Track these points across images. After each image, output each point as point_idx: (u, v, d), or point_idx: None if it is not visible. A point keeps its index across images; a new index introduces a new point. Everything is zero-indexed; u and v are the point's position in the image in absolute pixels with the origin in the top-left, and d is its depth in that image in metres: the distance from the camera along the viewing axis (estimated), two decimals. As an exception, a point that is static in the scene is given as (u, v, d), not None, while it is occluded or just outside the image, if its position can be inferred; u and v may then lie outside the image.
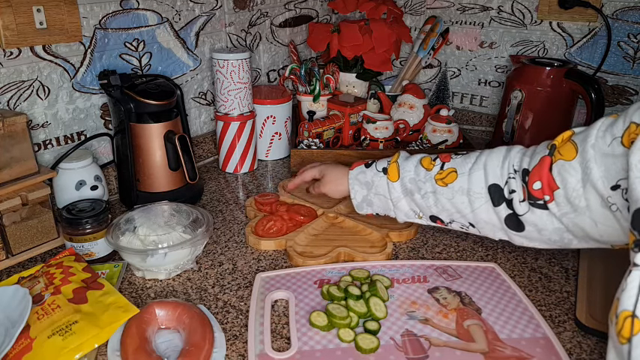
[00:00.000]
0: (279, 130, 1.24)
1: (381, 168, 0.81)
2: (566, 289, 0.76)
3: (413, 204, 0.78)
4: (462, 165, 0.73)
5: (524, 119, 1.17)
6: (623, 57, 1.21)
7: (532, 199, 0.64)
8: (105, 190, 0.95)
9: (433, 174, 0.75)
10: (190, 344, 0.61)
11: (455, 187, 0.72)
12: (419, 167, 0.77)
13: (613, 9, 1.19)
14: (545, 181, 0.62)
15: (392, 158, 0.81)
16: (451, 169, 0.74)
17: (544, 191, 0.62)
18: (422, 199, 0.76)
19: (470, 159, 0.73)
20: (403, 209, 0.80)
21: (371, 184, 0.81)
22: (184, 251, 0.77)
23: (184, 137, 0.95)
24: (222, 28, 1.21)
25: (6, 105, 0.86)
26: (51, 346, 0.59)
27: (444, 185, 0.74)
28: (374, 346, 0.62)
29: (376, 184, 0.81)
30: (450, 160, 0.75)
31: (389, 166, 0.80)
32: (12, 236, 0.78)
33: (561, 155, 0.60)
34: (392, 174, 0.79)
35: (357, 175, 0.83)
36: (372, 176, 0.81)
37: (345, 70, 1.37)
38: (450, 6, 1.42)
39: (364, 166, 0.83)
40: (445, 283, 0.76)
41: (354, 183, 0.83)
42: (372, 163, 0.83)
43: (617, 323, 0.43)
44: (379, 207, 0.83)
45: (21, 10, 0.82)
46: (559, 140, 0.62)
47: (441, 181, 0.74)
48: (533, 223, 0.66)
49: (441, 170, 0.75)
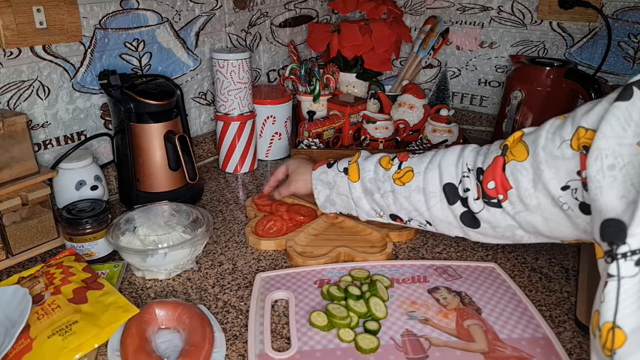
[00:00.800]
0: (279, 130, 1.24)
1: (342, 168, 0.82)
2: (566, 289, 0.76)
3: (373, 203, 0.80)
4: (418, 164, 0.75)
5: (524, 119, 1.17)
6: (623, 57, 1.21)
7: (486, 197, 0.65)
8: (105, 190, 0.95)
9: (391, 173, 0.77)
10: (190, 344, 0.61)
11: (412, 186, 0.74)
12: (378, 167, 0.79)
13: (613, 9, 1.19)
14: (499, 180, 0.63)
15: (352, 158, 0.82)
16: (408, 169, 0.75)
17: (498, 190, 0.64)
18: (381, 198, 0.78)
19: (426, 158, 0.75)
20: (364, 208, 0.81)
21: (333, 184, 0.83)
22: (184, 251, 0.77)
23: (184, 137, 0.95)
24: (222, 28, 1.21)
25: (6, 105, 0.86)
26: (51, 346, 0.59)
27: (401, 184, 0.75)
28: (374, 346, 0.62)
29: (338, 183, 0.82)
30: (407, 160, 0.77)
31: (349, 166, 0.81)
32: (12, 236, 0.78)
33: (513, 156, 0.62)
34: (352, 174, 0.80)
35: (320, 175, 0.85)
36: (333, 176, 0.83)
37: (345, 70, 1.37)
38: (450, 6, 1.42)
39: (326, 166, 0.85)
40: (445, 283, 0.76)
41: (317, 183, 0.85)
42: (333, 163, 0.84)
43: (602, 336, 0.43)
44: (341, 206, 0.85)
45: (21, 10, 0.82)
46: (510, 140, 0.63)
47: (398, 180, 0.75)
48: (487, 220, 0.68)
49: (398, 170, 0.76)
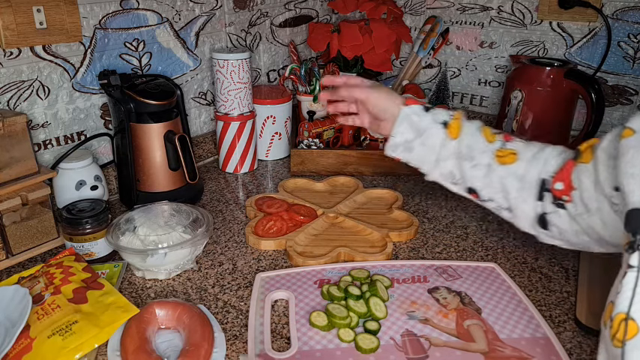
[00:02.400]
0: (279, 130, 1.24)
1: (442, 120, 0.74)
2: (566, 289, 0.76)
3: (457, 169, 0.73)
4: (524, 150, 0.70)
5: (524, 119, 1.17)
6: (623, 57, 1.21)
7: (555, 199, 0.65)
8: (105, 190, 0.95)
9: (494, 148, 0.71)
10: (190, 344, 0.61)
11: (511, 169, 0.69)
12: (478, 135, 0.72)
13: (613, 9, 1.19)
14: (567, 182, 0.63)
15: (454, 114, 0.74)
16: (512, 151, 0.70)
17: (564, 191, 0.64)
18: (471, 168, 0.71)
19: (532, 147, 0.70)
20: (444, 170, 0.74)
21: (422, 131, 0.74)
22: (184, 251, 0.77)
23: (184, 137, 0.95)
24: (222, 28, 1.21)
25: (6, 105, 0.86)
26: (51, 346, 0.59)
27: (501, 163, 0.70)
28: (374, 346, 0.62)
29: (429, 133, 0.73)
30: (511, 141, 0.71)
31: (451, 121, 0.73)
32: (12, 236, 0.78)
33: (582, 159, 0.62)
34: (453, 130, 0.72)
35: (411, 114, 0.75)
36: (428, 123, 0.74)
37: (345, 70, 1.37)
38: (450, 6, 1.42)
39: (421, 108, 0.75)
40: (445, 283, 0.76)
41: (404, 121, 0.75)
42: (429, 109, 0.75)
43: (612, 327, 0.43)
44: (418, 156, 0.76)
45: (21, 10, 0.82)
46: (584, 146, 0.63)
47: (499, 158, 0.70)
48: (555, 224, 0.66)
49: (502, 148, 0.70)
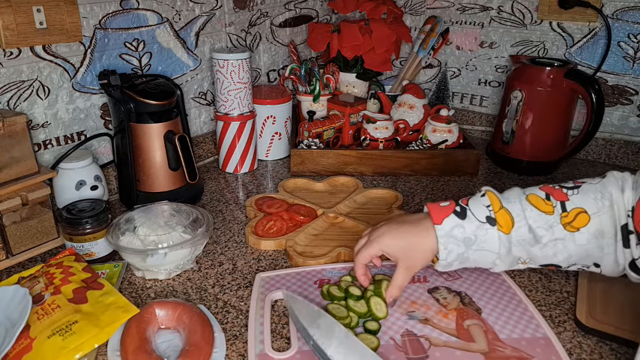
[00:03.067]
0: (279, 130, 1.24)
1: (484, 217, 0.63)
2: (566, 289, 0.76)
3: (524, 253, 0.63)
4: (589, 203, 0.61)
5: (524, 119, 1.17)
6: (623, 57, 1.21)
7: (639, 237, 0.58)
8: (105, 190, 0.95)
9: (557, 218, 0.61)
10: (190, 344, 0.61)
11: (590, 231, 0.60)
12: (531, 209, 0.62)
13: (613, 9, 1.19)
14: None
15: (490, 202, 0.64)
16: (579, 210, 0.61)
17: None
18: (543, 248, 0.62)
19: (593, 194, 0.62)
20: (508, 261, 0.65)
21: (472, 240, 0.63)
22: (184, 251, 0.77)
23: (184, 137, 0.95)
24: (222, 28, 1.21)
25: (6, 105, 0.86)
26: (51, 346, 0.59)
27: (574, 230, 0.61)
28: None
29: (481, 238, 0.63)
30: (568, 199, 0.62)
31: (496, 214, 0.63)
32: (12, 236, 0.78)
33: None
34: (504, 224, 0.62)
35: (451, 230, 0.63)
36: (474, 229, 0.63)
37: (345, 70, 1.37)
38: (450, 6, 1.42)
39: (456, 217, 0.64)
40: (445, 282, 0.76)
41: (448, 241, 0.63)
42: (464, 211, 0.64)
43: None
44: (474, 262, 0.66)
45: (21, 10, 0.82)
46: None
47: (569, 226, 0.61)
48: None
49: (564, 212, 0.61)
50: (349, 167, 1.16)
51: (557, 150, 1.17)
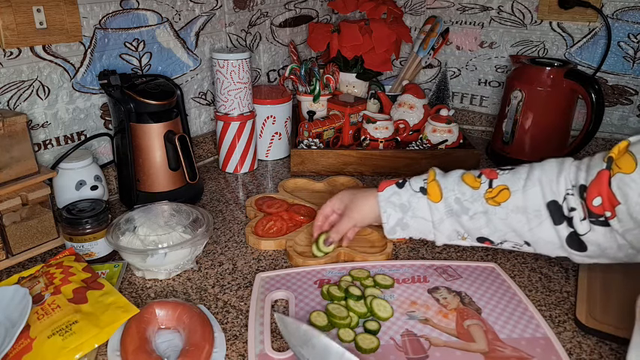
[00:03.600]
0: (279, 130, 1.24)
1: (418, 187, 0.73)
2: (566, 289, 0.76)
3: (458, 225, 0.71)
4: (514, 181, 0.67)
5: (524, 119, 1.17)
6: (623, 57, 1.21)
7: (593, 216, 0.60)
8: (105, 190, 0.95)
9: (482, 192, 0.68)
10: (190, 344, 0.61)
11: (509, 206, 0.66)
12: (462, 185, 0.70)
13: (613, 9, 1.19)
14: (605, 196, 0.58)
15: (428, 176, 0.74)
16: (502, 187, 0.67)
17: (604, 207, 0.58)
18: (470, 220, 0.69)
19: (520, 174, 0.67)
20: (445, 232, 0.72)
21: (407, 207, 0.73)
22: (184, 251, 0.77)
23: (184, 137, 0.95)
24: (222, 28, 1.21)
25: (6, 105, 0.86)
26: (51, 346, 0.59)
27: (495, 204, 0.67)
28: (374, 346, 0.62)
29: (414, 205, 0.73)
30: (497, 177, 0.69)
31: (428, 185, 0.72)
32: (12, 236, 0.78)
33: (620, 168, 0.57)
34: (433, 193, 0.71)
35: (390, 196, 0.74)
36: (408, 197, 0.73)
37: (345, 70, 1.37)
38: (450, 6, 1.42)
39: (396, 186, 0.75)
40: (445, 283, 0.76)
41: (386, 205, 0.74)
42: (404, 183, 0.75)
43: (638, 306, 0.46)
44: (416, 230, 0.75)
45: (21, 10, 0.82)
46: (615, 152, 0.58)
47: (492, 200, 0.67)
48: (595, 243, 0.62)
49: (490, 188, 0.68)
50: (349, 167, 1.16)
51: (557, 150, 1.17)
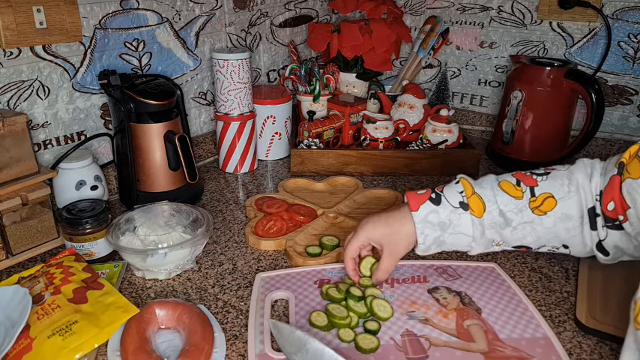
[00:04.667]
0: (279, 130, 1.24)
1: (458, 202, 0.68)
2: (566, 289, 0.76)
3: (497, 235, 0.68)
4: (556, 188, 0.65)
5: (524, 119, 1.17)
6: (623, 57, 1.21)
7: (609, 221, 0.62)
8: (105, 190, 0.95)
9: (526, 202, 0.66)
10: (190, 344, 0.61)
11: (557, 214, 0.65)
12: (503, 195, 0.67)
13: (613, 9, 1.19)
14: (618, 201, 0.59)
15: (464, 188, 0.69)
16: (547, 195, 0.65)
17: (617, 211, 0.60)
18: (513, 231, 0.67)
19: (561, 180, 0.66)
20: (482, 243, 0.69)
21: (447, 224, 0.68)
22: (184, 251, 0.77)
23: (184, 137, 0.95)
24: (222, 28, 1.21)
25: (6, 105, 0.86)
26: (51, 346, 0.59)
27: (542, 214, 0.65)
28: (374, 346, 0.62)
29: (454, 222, 0.68)
30: (537, 184, 0.67)
31: (469, 200, 0.67)
32: (12, 236, 0.78)
33: (629, 174, 0.58)
34: (476, 208, 0.67)
35: (427, 216, 0.68)
36: (447, 214, 0.68)
37: (345, 70, 1.37)
38: (450, 6, 1.42)
39: (431, 203, 0.69)
40: (445, 283, 0.76)
41: (424, 226, 0.68)
42: (439, 198, 0.69)
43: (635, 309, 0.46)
44: (452, 245, 0.71)
45: (21, 10, 0.82)
46: (626, 157, 0.60)
47: (537, 210, 0.65)
48: (614, 246, 0.63)
49: (533, 197, 0.66)
50: (349, 167, 1.16)
51: (558, 150, 1.17)
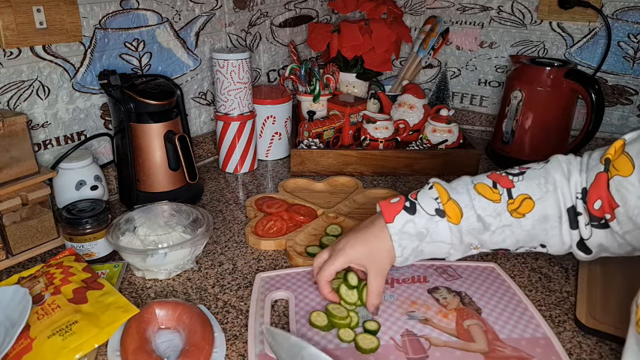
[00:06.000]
0: (279, 130, 1.24)
1: (433, 210, 0.65)
2: (566, 289, 0.76)
3: (475, 240, 0.66)
4: (533, 188, 0.63)
5: (524, 119, 1.17)
6: (623, 57, 1.21)
7: (594, 220, 0.60)
8: (105, 190, 0.95)
9: (504, 205, 0.63)
10: (190, 344, 0.61)
11: (535, 216, 0.63)
12: (480, 199, 0.64)
13: (613, 9, 1.19)
14: (605, 199, 0.58)
15: (439, 194, 0.65)
16: (524, 196, 0.63)
17: (604, 210, 0.59)
18: (492, 235, 0.65)
19: (537, 179, 0.64)
20: (460, 249, 0.67)
21: (425, 234, 0.65)
22: (184, 251, 0.77)
23: (184, 137, 0.95)
24: (222, 28, 1.21)
25: (6, 105, 0.86)
26: (51, 346, 0.59)
27: (520, 216, 0.63)
28: (374, 346, 0.62)
29: (432, 231, 0.65)
30: (514, 185, 0.64)
31: (445, 207, 0.64)
32: (12, 236, 0.78)
33: (617, 170, 0.56)
34: (453, 215, 0.64)
35: (403, 226, 0.65)
36: (424, 223, 0.65)
37: (345, 70, 1.37)
38: (450, 6, 1.42)
39: (406, 212, 0.65)
40: (445, 283, 0.76)
41: (402, 238, 0.65)
42: (413, 206, 0.66)
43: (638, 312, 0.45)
44: (429, 254, 0.68)
45: (21, 10, 0.82)
46: (612, 152, 0.58)
47: (516, 213, 0.63)
48: (598, 245, 0.62)
49: (510, 199, 0.63)
50: (349, 167, 1.16)
51: (557, 150, 1.16)
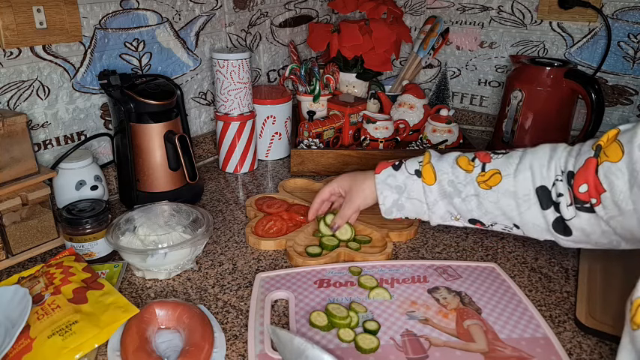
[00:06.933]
0: (279, 130, 1.24)
1: (413, 170, 0.76)
2: (566, 289, 0.76)
3: (451, 207, 0.74)
4: (506, 166, 0.69)
5: (524, 119, 1.17)
6: (623, 57, 1.21)
7: (578, 202, 0.62)
8: (105, 190, 0.95)
9: (474, 176, 0.71)
10: (190, 344, 0.61)
11: (500, 190, 0.69)
12: (456, 168, 0.73)
13: (613, 9, 1.19)
14: (592, 183, 0.60)
15: (423, 159, 0.76)
16: (494, 171, 0.70)
17: (590, 194, 0.60)
18: (462, 202, 0.72)
19: (513, 159, 0.70)
20: (438, 212, 0.76)
21: (403, 188, 0.76)
22: (184, 251, 0.77)
23: (184, 137, 0.95)
24: (222, 28, 1.21)
25: (6, 105, 0.86)
26: (51, 346, 0.59)
27: (487, 188, 0.70)
28: (374, 346, 0.62)
29: (409, 187, 0.76)
30: (490, 161, 0.71)
31: (422, 168, 0.75)
32: (12, 236, 0.78)
33: (607, 157, 0.58)
34: (427, 176, 0.74)
35: (386, 178, 0.77)
36: (403, 179, 0.76)
37: (345, 70, 1.37)
38: (450, 6, 1.42)
39: (392, 169, 0.78)
40: (445, 283, 0.76)
41: (383, 187, 0.77)
42: (400, 165, 0.78)
43: (631, 310, 0.45)
44: (411, 211, 0.78)
45: (21, 10, 0.82)
46: (604, 140, 0.60)
47: (484, 184, 0.70)
48: (580, 228, 0.64)
49: (482, 172, 0.71)
50: (349, 167, 1.16)
51: (557, 150, 1.17)
